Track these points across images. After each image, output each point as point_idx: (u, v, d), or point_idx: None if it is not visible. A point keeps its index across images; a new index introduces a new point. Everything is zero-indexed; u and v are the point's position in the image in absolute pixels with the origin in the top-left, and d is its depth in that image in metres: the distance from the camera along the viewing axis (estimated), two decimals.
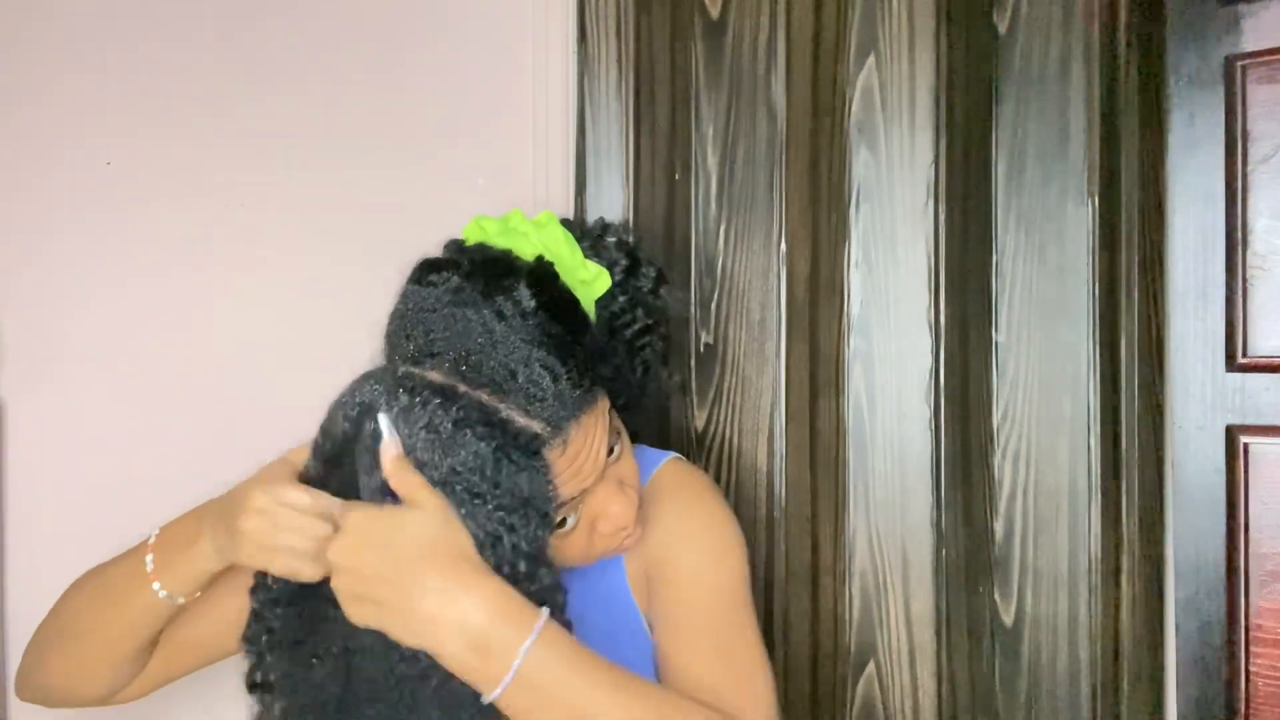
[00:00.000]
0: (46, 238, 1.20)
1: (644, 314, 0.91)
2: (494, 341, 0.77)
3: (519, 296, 0.78)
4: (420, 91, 1.19)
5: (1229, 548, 1.08)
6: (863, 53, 1.11)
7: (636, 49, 1.16)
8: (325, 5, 1.20)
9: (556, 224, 0.87)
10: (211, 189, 1.20)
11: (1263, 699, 1.07)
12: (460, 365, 0.77)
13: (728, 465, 1.13)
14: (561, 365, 0.78)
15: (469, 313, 0.78)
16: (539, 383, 0.77)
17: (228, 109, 1.20)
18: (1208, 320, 1.09)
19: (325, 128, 1.20)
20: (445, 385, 0.77)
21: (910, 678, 1.09)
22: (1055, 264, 1.09)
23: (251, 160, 1.20)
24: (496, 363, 0.77)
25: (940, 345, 1.08)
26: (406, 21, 1.20)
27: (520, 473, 0.75)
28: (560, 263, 0.84)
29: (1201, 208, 1.09)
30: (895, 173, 1.10)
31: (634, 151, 1.16)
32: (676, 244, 1.16)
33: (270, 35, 1.20)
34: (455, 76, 1.19)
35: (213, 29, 1.20)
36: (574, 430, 0.78)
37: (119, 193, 1.20)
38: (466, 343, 0.77)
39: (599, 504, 0.83)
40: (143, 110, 1.20)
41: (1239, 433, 1.08)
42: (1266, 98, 1.06)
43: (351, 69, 1.20)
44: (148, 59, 1.20)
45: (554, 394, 0.77)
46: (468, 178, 1.19)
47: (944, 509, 1.07)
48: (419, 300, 0.81)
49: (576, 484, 0.80)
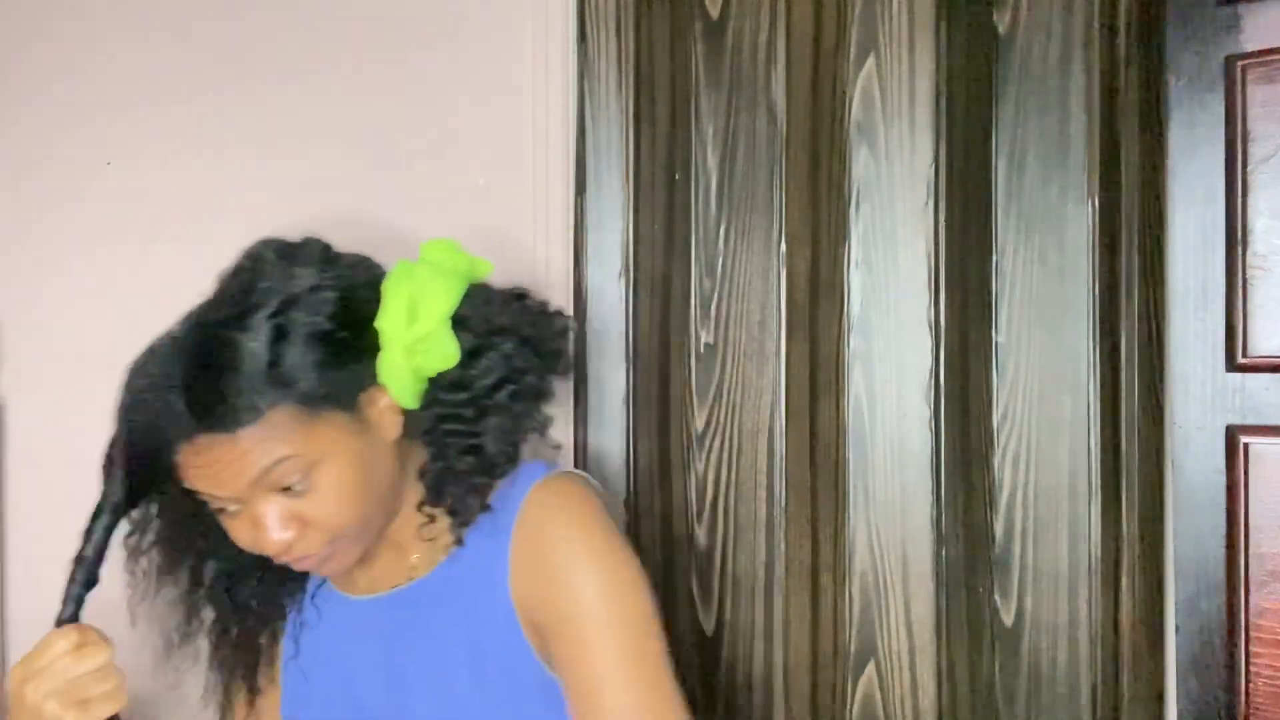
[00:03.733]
0: (46, 238, 1.20)
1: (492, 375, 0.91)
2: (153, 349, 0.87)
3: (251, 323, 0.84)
4: (420, 91, 1.19)
5: (1229, 548, 1.08)
6: (863, 53, 1.11)
7: (636, 49, 1.16)
8: (326, 6, 1.20)
9: (450, 293, 0.89)
10: (211, 189, 1.20)
11: (1263, 699, 1.07)
12: None
13: (728, 465, 1.13)
14: (184, 387, 0.82)
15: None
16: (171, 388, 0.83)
17: (228, 109, 1.20)
18: (1208, 320, 1.09)
19: (326, 128, 1.19)
20: None
21: (910, 678, 1.09)
22: (1055, 264, 1.09)
23: (252, 160, 1.20)
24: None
25: (940, 345, 1.08)
26: (407, 22, 1.20)
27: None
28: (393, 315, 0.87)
29: (1201, 208, 1.09)
30: (895, 173, 1.10)
31: (634, 151, 1.16)
32: (676, 244, 1.16)
33: (271, 36, 1.20)
34: (455, 76, 1.19)
35: (213, 29, 1.20)
36: (202, 439, 0.82)
37: (119, 193, 1.20)
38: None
39: (252, 518, 0.86)
40: (143, 110, 1.20)
41: (1239, 433, 1.08)
42: (1266, 98, 1.06)
43: (352, 69, 1.20)
44: (148, 59, 1.20)
45: (175, 409, 0.82)
46: (468, 178, 1.19)
47: (944, 509, 1.07)
48: None
49: (207, 485, 0.84)
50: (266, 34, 1.20)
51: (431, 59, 1.19)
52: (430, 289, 0.88)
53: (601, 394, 1.14)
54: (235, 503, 0.86)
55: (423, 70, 1.19)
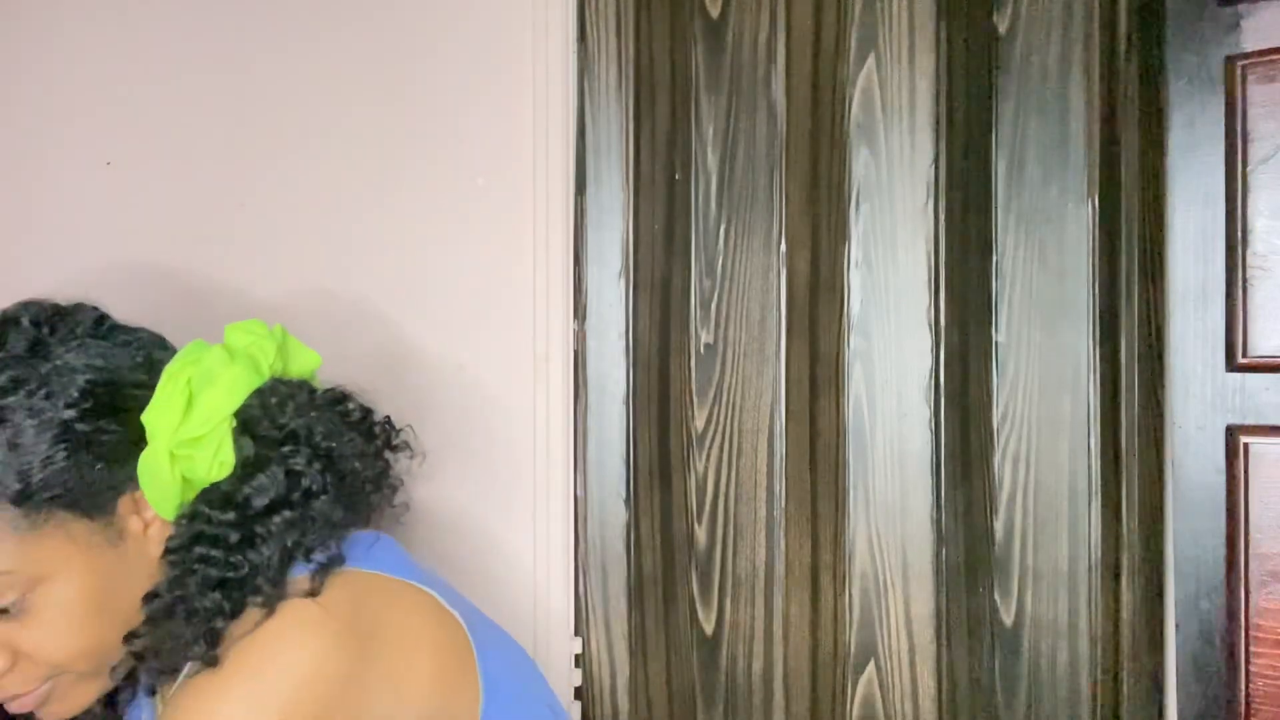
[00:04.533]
0: (46, 238, 1.20)
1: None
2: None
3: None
4: (420, 91, 1.19)
5: (1229, 548, 1.08)
6: (863, 53, 1.11)
7: (636, 49, 1.16)
8: (325, 6, 1.20)
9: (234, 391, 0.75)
10: (211, 189, 1.20)
11: (1263, 699, 1.07)
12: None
13: (728, 465, 1.13)
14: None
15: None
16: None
17: (227, 109, 1.20)
18: (1208, 320, 1.09)
19: (325, 128, 1.19)
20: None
21: (910, 678, 1.09)
22: (1055, 264, 1.09)
23: (251, 160, 1.20)
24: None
25: (940, 345, 1.08)
26: (406, 22, 1.20)
27: None
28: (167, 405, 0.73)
29: (1201, 208, 1.09)
30: (895, 173, 1.10)
31: (634, 151, 1.16)
32: (676, 244, 1.16)
33: (270, 36, 1.20)
34: (455, 76, 1.19)
35: (212, 29, 1.20)
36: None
37: (119, 193, 1.20)
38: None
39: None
40: (143, 110, 1.20)
41: (1239, 433, 1.08)
42: (1266, 98, 1.06)
43: (351, 69, 1.20)
44: (148, 59, 1.20)
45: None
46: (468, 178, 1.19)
47: (944, 509, 1.07)
48: None
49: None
50: (267, 34, 1.20)
51: (431, 59, 1.19)
52: (215, 380, 0.75)
53: (601, 394, 1.14)
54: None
55: (423, 70, 1.19)
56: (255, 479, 0.74)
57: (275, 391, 0.78)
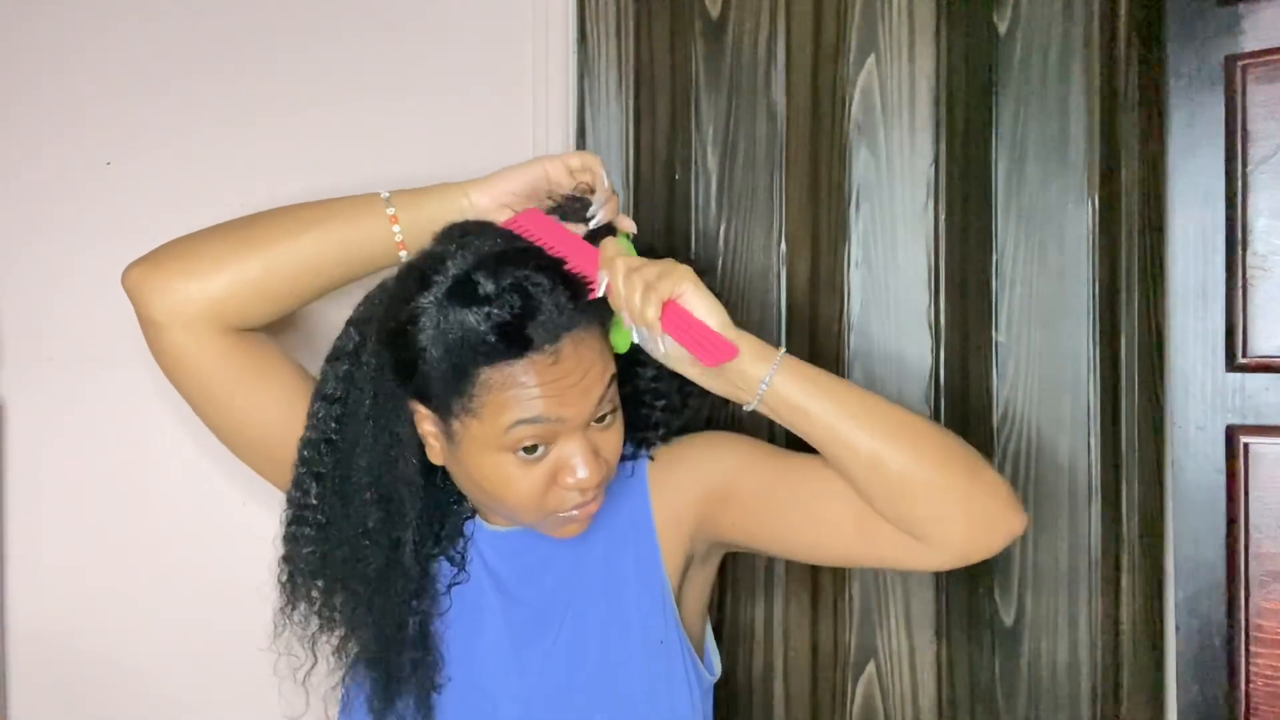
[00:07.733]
0: (46, 237, 1.20)
1: None
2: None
3: None
4: (420, 91, 1.19)
5: (1229, 548, 1.08)
6: (863, 53, 1.11)
7: (636, 49, 1.16)
8: (325, 6, 1.20)
9: None
10: (212, 189, 1.20)
11: (1263, 699, 1.07)
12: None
13: None
14: (558, 279, 0.79)
15: None
16: (540, 285, 0.78)
17: (227, 108, 1.20)
18: (1208, 320, 1.09)
19: (325, 127, 1.20)
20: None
21: (910, 678, 1.09)
22: (1055, 264, 1.09)
23: (251, 160, 1.20)
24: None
25: (940, 345, 1.08)
26: (407, 22, 1.20)
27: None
28: None
29: (1201, 208, 1.09)
30: (895, 173, 1.10)
31: (634, 151, 1.16)
32: (677, 244, 1.16)
33: (271, 36, 1.20)
34: (455, 76, 1.19)
35: (213, 29, 1.20)
36: (567, 345, 0.78)
37: (119, 193, 1.20)
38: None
39: (568, 454, 0.81)
40: (143, 110, 1.20)
41: (1239, 433, 1.08)
42: (1266, 98, 1.06)
43: (352, 69, 1.20)
44: (147, 59, 1.20)
45: (551, 301, 0.78)
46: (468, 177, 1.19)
47: None
48: None
49: (555, 406, 0.79)
50: (267, 34, 1.20)
51: (431, 59, 1.19)
52: None
53: None
54: (558, 435, 0.80)
55: (423, 70, 1.19)
56: None
57: None
